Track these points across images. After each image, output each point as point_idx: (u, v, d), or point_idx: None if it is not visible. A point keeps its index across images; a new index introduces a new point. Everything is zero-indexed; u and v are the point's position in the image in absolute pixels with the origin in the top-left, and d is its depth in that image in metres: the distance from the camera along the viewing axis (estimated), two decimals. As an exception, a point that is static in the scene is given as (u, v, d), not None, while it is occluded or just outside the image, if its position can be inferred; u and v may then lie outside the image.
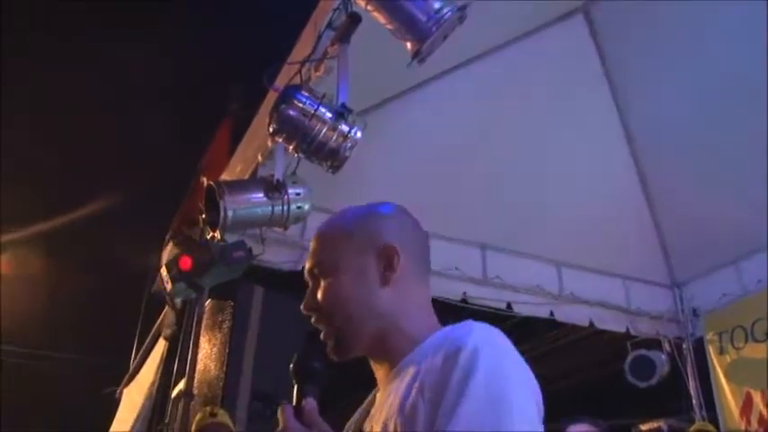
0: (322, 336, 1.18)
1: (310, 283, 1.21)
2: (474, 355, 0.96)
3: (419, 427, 0.97)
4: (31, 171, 7.91)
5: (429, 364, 1.02)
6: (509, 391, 0.95)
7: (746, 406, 4.56)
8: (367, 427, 1.15)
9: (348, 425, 1.34)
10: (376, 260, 1.17)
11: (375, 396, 1.21)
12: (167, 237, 4.42)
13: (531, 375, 1.02)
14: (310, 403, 1.06)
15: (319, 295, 1.18)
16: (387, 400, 1.09)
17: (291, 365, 1.12)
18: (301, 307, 1.21)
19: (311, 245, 1.24)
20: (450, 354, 0.98)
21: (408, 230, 1.24)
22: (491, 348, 0.99)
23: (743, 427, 4.54)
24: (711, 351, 4.97)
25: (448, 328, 1.09)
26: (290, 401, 1.09)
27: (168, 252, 4.05)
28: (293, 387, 1.10)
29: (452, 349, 0.98)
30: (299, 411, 1.06)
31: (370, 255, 1.17)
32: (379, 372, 1.18)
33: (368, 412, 1.20)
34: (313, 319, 1.20)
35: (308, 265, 1.22)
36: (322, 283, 1.18)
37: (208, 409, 3.55)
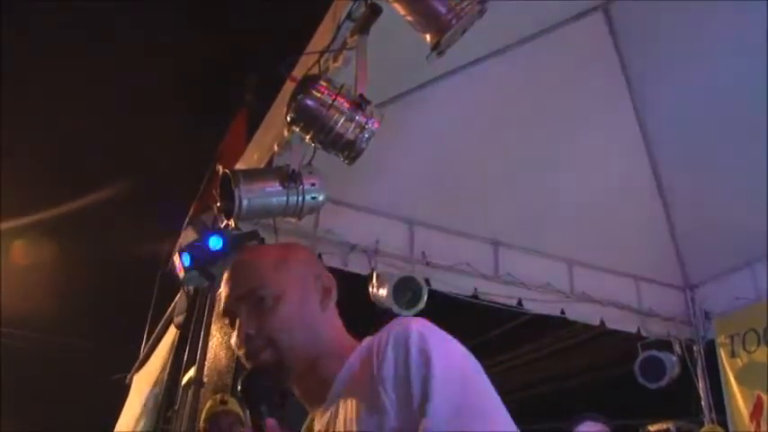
0: (259, 361, 1.15)
1: (243, 310, 1.17)
2: (422, 339, 1.00)
3: (391, 419, 0.97)
4: (47, 157, 7.96)
5: (380, 360, 1.02)
6: (465, 364, 1.02)
7: (757, 410, 4.54)
8: None
9: None
10: (314, 287, 1.22)
11: (311, 421, 1.19)
12: (185, 224, 4.44)
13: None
14: (270, 423, 1.05)
15: (266, 319, 1.15)
16: (337, 417, 1.08)
17: (240, 389, 1.11)
18: (239, 337, 1.17)
19: (236, 273, 1.22)
20: (400, 343, 1.01)
21: (323, 266, 1.31)
22: (432, 331, 1.04)
23: (753, 431, 4.51)
24: (723, 354, 4.95)
25: (378, 333, 1.09)
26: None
27: (183, 239, 4.07)
28: (246, 410, 1.10)
29: (401, 340, 1.01)
30: None
31: (309, 282, 1.22)
32: (310, 395, 1.18)
33: None
34: (247, 347, 1.16)
35: (241, 291, 1.18)
36: (265, 308, 1.16)
37: (218, 396, 3.56)
